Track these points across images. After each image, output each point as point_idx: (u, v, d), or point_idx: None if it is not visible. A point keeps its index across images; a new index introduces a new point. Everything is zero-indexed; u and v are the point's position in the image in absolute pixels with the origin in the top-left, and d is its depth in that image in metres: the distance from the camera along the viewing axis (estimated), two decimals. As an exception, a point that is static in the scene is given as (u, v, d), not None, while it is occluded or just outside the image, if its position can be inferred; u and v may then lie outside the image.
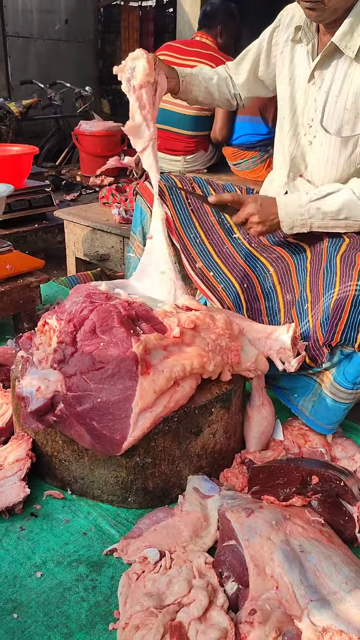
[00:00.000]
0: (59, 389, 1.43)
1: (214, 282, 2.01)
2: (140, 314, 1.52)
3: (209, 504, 1.46)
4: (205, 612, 1.15)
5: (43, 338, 1.56)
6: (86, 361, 1.42)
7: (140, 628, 1.13)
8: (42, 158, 6.17)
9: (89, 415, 1.40)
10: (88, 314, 1.47)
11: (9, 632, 1.17)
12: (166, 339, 1.47)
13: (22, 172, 3.27)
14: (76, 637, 1.17)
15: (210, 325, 1.55)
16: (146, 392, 1.37)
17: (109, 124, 5.29)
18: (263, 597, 1.17)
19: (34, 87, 6.71)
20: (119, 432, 1.39)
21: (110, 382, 1.40)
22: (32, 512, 1.49)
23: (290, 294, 1.87)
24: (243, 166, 3.94)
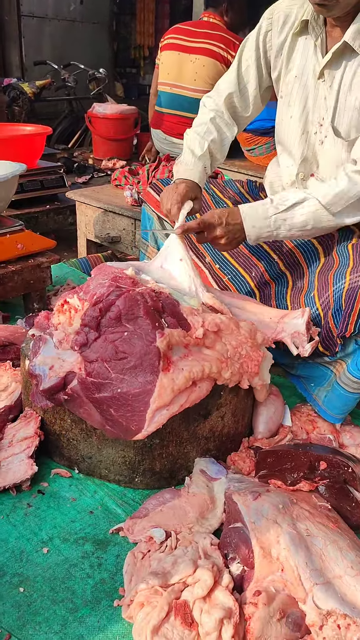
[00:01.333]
0: (74, 370, 1.43)
1: (220, 273, 2.00)
2: (166, 306, 1.49)
3: (216, 487, 1.46)
4: (210, 592, 1.15)
5: (62, 318, 1.54)
6: (109, 349, 1.41)
7: (145, 605, 1.14)
8: (55, 140, 6.15)
9: (107, 402, 1.39)
10: (115, 300, 1.44)
11: (15, 605, 1.18)
12: (188, 337, 1.45)
13: (35, 153, 3.26)
14: (81, 612, 1.18)
15: (234, 331, 1.52)
16: (165, 390, 1.37)
17: (123, 107, 5.25)
18: (268, 579, 1.17)
19: (47, 68, 6.67)
20: (136, 424, 1.39)
21: (131, 373, 1.39)
22: (40, 490, 1.50)
23: (301, 282, 1.86)
24: (257, 152, 3.91)
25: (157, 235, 2.22)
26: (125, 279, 1.53)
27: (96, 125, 5.03)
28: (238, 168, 3.80)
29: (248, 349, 1.52)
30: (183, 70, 3.70)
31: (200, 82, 3.67)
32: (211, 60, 3.62)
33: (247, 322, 1.58)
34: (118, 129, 5.04)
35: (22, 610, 1.17)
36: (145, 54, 9.88)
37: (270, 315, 1.68)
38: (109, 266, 1.63)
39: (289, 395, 1.90)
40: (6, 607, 1.18)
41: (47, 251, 2.43)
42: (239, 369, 1.50)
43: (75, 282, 2.75)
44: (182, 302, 1.54)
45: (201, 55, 3.64)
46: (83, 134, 6.25)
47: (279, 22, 1.78)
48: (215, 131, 1.93)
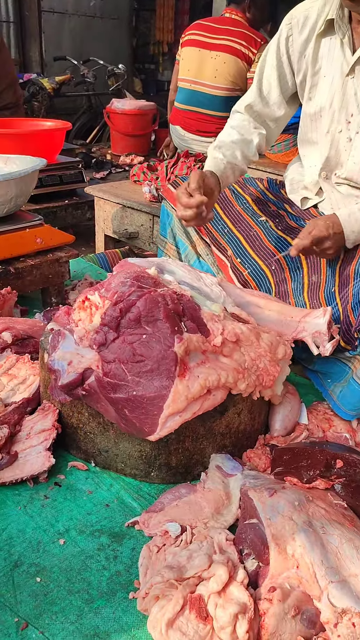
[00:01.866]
0: (92, 367, 1.44)
1: (241, 267, 2.00)
2: (187, 310, 1.49)
3: (231, 483, 1.46)
4: (225, 587, 1.16)
5: (82, 315, 1.55)
6: (127, 351, 1.41)
7: (160, 598, 1.15)
8: (73, 135, 6.18)
9: (121, 403, 1.40)
10: (135, 300, 1.44)
11: (32, 594, 1.20)
12: (207, 343, 1.45)
13: (54, 148, 3.28)
14: (97, 603, 1.19)
15: (253, 343, 1.51)
16: (179, 397, 1.37)
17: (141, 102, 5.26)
18: (283, 575, 1.18)
19: (67, 64, 6.69)
20: (149, 426, 1.40)
21: (147, 377, 1.40)
22: (56, 482, 1.51)
23: (317, 275, 1.85)
24: (275, 149, 3.90)
25: (176, 232, 2.23)
26: (147, 279, 1.54)
27: (114, 121, 5.04)
28: (257, 165, 3.79)
29: (266, 363, 1.51)
30: (203, 66, 3.70)
31: (221, 79, 3.67)
32: (232, 57, 3.61)
33: (270, 333, 1.56)
34: (136, 125, 5.05)
35: (39, 600, 1.19)
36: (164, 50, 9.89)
37: (291, 314, 1.68)
38: (131, 263, 1.64)
39: (305, 393, 1.90)
40: (23, 596, 1.19)
41: (65, 246, 2.45)
42: (255, 381, 1.49)
43: (93, 277, 2.76)
44: (204, 306, 1.54)
45: (222, 52, 3.63)
46: (101, 129, 6.28)
47: (298, 25, 1.79)
48: (238, 134, 1.95)
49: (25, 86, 6.10)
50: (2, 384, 1.79)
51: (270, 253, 1.97)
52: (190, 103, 3.82)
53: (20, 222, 2.35)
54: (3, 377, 1.81)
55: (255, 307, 1.73)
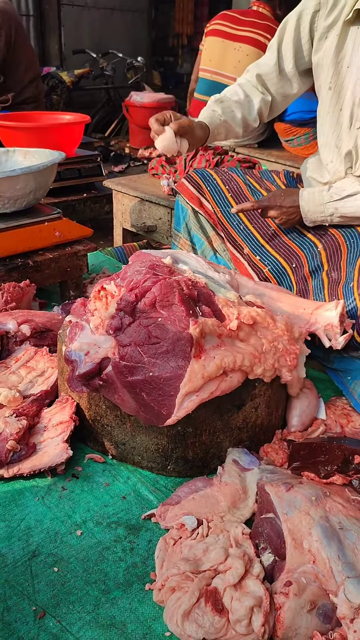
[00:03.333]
0: (109, 356, 1.45)
1: (261, 265, 1.99)
2: (202, 296, 1.51)
3: (248, 477, 1.47)
4: (241, 580, 1.16)
5: (98, 304, 1.56)
6: (142, 334, 1.43)
7: (176, 590, 1.16)
8: (92, 129, 6.20)
9: (139, 386, 1.41)
10: (150, 286, 1.46)
11: (49, 584, 1.22)
12: (222, 327, 1.46)
13: (73, 141, 3.29)
14: (114, 594, 1.21)
15: (269, 325, 1.52)
16: (195, 376, 1.38)
17: (160, 95, 5.26)
18: (299, 570, 1.18)
19: (86, 57, 6.71)
20: (166, 408, 1.41)
21: (163, 358, 1.41)
22: (74, 474, 1.53)
23: (337, 272, 1.84)
24: (295, 143, 3.87)
25: (191, 227, 2.22)
26: (162, 267, 1.55)
27: (133, 114, 5.05)
28: (276, 158, 3.77)
29: (285, 343, 1.52)
30: (226, 57, 3.68)
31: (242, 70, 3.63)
32: (255, 50, 3.58)
33: (283, 316, 1.57)
34: (155, 118, 5.06)
35: (57, 589, 1.20)
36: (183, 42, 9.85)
37: (303, 306, 1.68)
38: (146, 254, 1.65)
39: (323, 388, 1.89)
40: (41, 586, 1.21)
41: (84, 239, 2.47)
42: (274, 364, 1.49)
43: (111, 270, 2.77)
44: (219, 293, 1.55)
45: (245, 44, 3.61)
46: (120, 122, 6.29)
47: (327, 4, 1.76)
48: (243, 93, 2.01)
49: (45, 80, 6.13)
50: (20, 376, 1.81)
51: (290, 250, 1.96)
52: (211, 94, 3.80)
53: (39, 215, 2.37)
54: (22, 370, 1.83)
55: (267, 299, 1.73)
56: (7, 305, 2.09)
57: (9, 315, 1.98)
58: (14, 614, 1.15)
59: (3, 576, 1.23)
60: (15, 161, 2.59)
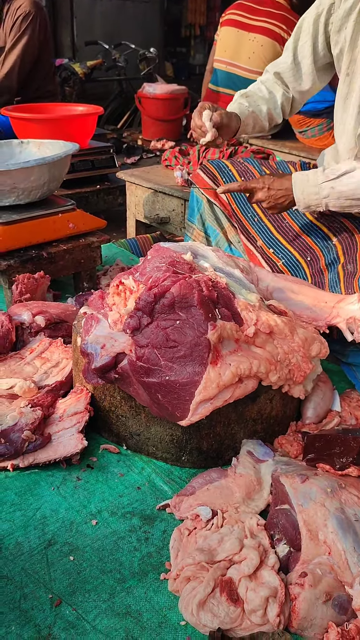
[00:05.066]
0: (125, 351, 1.45)
1: (274, 258, 1.98)
2: (221, 298, 1.49)
3: (263, 468, 1.47)
4: (256, 570, 1.17)
5: (117, 299, 1.56)
6: (160, 336, 1.42)
7: (192, 580, 1.17)
8: (104, 121, 6.18)
9: (154, 387, 1.42)
10: (170, 286, 1.44)
11: (65, 572, 1.23)
12: (240, 332, 1.45)
13: (86, 132, 3.29)
14: (129, 583, 1.21)
15: (287, 337, 1.50)
16: (210, 384, 1.37)
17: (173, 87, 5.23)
18: (315, 561, 1.18)
19: (98, 48, 6.69)
20: (180, 411, 1.41)
21: (180, 362, 1.41)
22: (88, 464, 1.54)
23: (352, 265, 1.83)
24: (309, 134, 3.84)
25: (205, 218, 2.21)
26: (182, 264, 1.54)
27: (146, 106, 5.02)
28: (290, 149, 3.74)
29: (299, 359, 1.50)
30: (241, 48, 3.64)
31: (257, 61, 3.61)
32: (270, 41, 3.54)
33: (306, 330, 1.55)
34: (167, 110, 5.03)
35: (72, 578, 1.22)
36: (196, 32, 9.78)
37: (325, 299, 1.67)
38: (166, 248, 1.63)
39: (338, 380, 1.89)
40: (57, 574, 1.22)
41: (97, 231, 2.47)
42: (286, 375, 1.48)
43: (124, 262, 2.78)
44: (239, 295, 1.53)
45: (260, 35, 3.56)
46: (132, 114, 6.27)
47: None
48: (266, 89, 1.99)
49: (57, 71, 6.12)
50: (35, 367, 1.82)
51: (305, 244, 1.95)
52: (225, 85, 3.78)
53: (53, 207, 2.37)
54: (37, 361, 1.84)
55: (288, 292, 1.72)
56: (21, 297, 2.10)
57: (24, 307, 1.99)
58: (30, 601, 1.16)
59: (19, 564, 1.24)
60: (29, 152, 2.60)
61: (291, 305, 1.66)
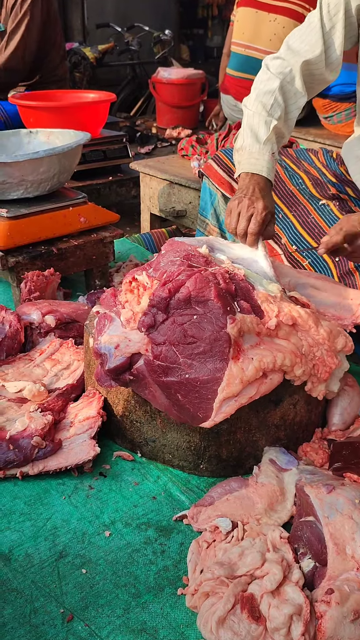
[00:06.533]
0: (141, 352, 1.46)
1: (299, 257, 1.96)
2: (239, 290, 1.49)
3: (286, 478, 1.47)
4: (279, 586, 1.16)
5: (130, 296, 1.57)
6: (177, 332, 1.43)
7: (211, 596, 1.17)
8: (116, 108, 6.21)
9: (174, 387, 1.42)
10: (185, 280, 1.44)
11: (77, 586, 1.24)
12: (261, 325, 1.45)
13: (98, 121, 3.30)
14: (144, 598, 1.22)
15: (311, 329, 1.50)
16: (233, 380, 1.38)
17: (189, 71, 5.24)
18: (342, 577, 1.17)
19: (110, 31, 6.72)
20: (203, 411, 1.41)
21: (200, 359, 1.41)
22: (101, 472, 1.55)
23: (385, 264, 1.82)
24: (335, 119, 3.82)
25: (220, 213, 2.21)
26: (197, 258, 1.54)
27: (160, 92, 5.04)
28: (314, 137, 3.73)
29: (324, 352, 1.50)
30: (260, 30, 3.63)
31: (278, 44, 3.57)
32: (292, 22, 3.52)
33: (331, 322, 1.55)
34: (183, 95, 5.04)
35: (85, 592, 1.23)
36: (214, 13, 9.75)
37: (350, 297, 1.66)
38: (181, 242, 1.64)
39: (366, 384, 1.87)
40: (69, 588, 1.23)
41: (110, 225, 2.48)
42: (310, 370, 1.48)
43: (138, 258, 2.79)
44: (259, 286, 1.53)
45: (281, 15, 3.55)
46: (146, 101, 6.29)
47: None
48: (283, 103, 1.76)
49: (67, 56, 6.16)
50: (45, 370, 1.83)
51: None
52: (244, 70, 3.77)
53: (63, 200, 2.39)
54: (46, 362, 1.86)
55: (311, 289, 1.72)
56: (30, 295, 2.12)
57: (33, 306, 2.01)
58: (41, 616, 1.18)
59: (30, 577, 1.25)
60: (38, 142, 2.62)
61: (314, 303, 1.66)
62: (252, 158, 1.71)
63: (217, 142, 3.13)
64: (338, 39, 1.77)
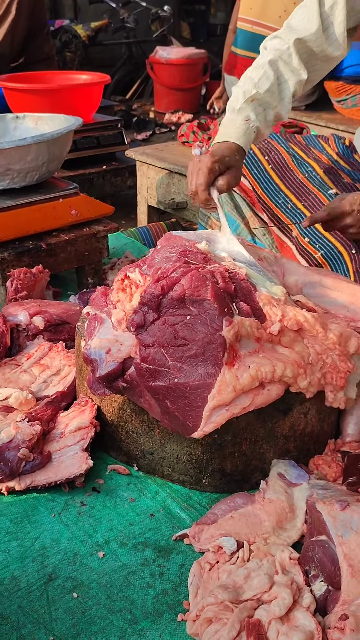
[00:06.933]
0: (131, 354, 1.46)
1: (311, 249, 1.97)
2: (240, 290, 1.49)
3: (296, 493, 1.47)
4: (289, 612, 1.17)
5: (121, 295, 1.57)
6: (167, 333, 1.43)
7: (214, 622, 1.17)
8: (111, 90, 6.22)
9: (162, 392, 1.42)
10: (180, 277, 1.45)
11: (68, 611, 1.24)
12: (262, 330, 1.45)
13: (91, 105, 3.31)
14: (141, 624, 1.22)
15: (319, 334, 1.49)
16: (225, 388, 1.37)
17: (190, 50, 5.25)
18: (357, 602, 1.17)
19: (104, 7, 6.74)
20: (193, 420, 1.41)
21: (191, 363, 1.41)
22: (94, 487, 1.55)
23: None
24: (349, 103, 3.83)
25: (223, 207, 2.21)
26: (195, 254, 1.54)
27: (159, 73, 5.05)
28: (326, 122, 3.74)
29: (335, 358, 1.49)
30: (269, 5, 3.63)
31: (288, 21, 3.59)
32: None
33: (341, 324, 1.55)
34: (184, 77, 5.05)
35: (76, 618, 1.23)
36: (217, -13, 9.77)
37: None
38: (178, 237, 1.64)
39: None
40: (59, 613, 1.23)
41: (104, 218, 2.49)
42: (320, 379, 1.48)
43: (135, 254, 2.79)
44: (262, 288, 1.53)
45: None
46: (143, 83, 6.30)
47: None
48: (274, 76, 1.82)
49: (57, 35, 6.17)
50: (33, 375, 1.84)
51: None
52: (250, 48, 3.77)
53: (52, 190, 2.39)
54: (35, 368, 1.86)
55: (321, 287, 1.72)
56: (17, 295, 2.12)
57: (20, 306, 2.01)
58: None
59: (16, 601, 1.25)
60: (25, 128, 2.63)
61: (325, 303, 1.66)
62: (223, 128, 1.82)
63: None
64: (340, 15, 1.80)
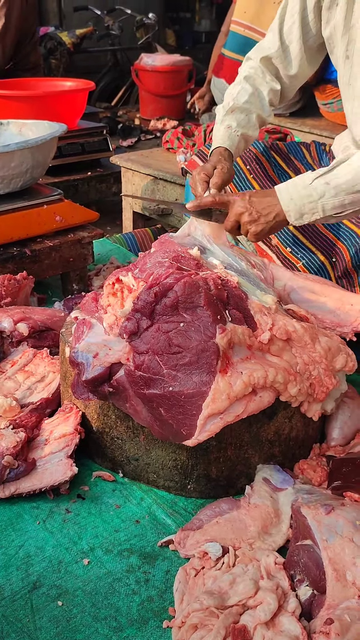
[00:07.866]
0: (122, 361, 1.46)
1: (293, 259, 1.98)
2: (232, 298, 1.50)
3: (281, 498, 1.47)
4: (274, 617, 1.17)
5: (112, 300, 1.57)
6: (162, 341, 1.43)
7: (199, 628, 1.17)
8: (96, 97, 6.22)
9: (156, 400, 1.42)
10: (173, 284, 1.45)
11: (53, 620, 1.23)
12: (253, 338, 1.45)
13: (75, 111, 3.32)
14: (126, 632, 1.22)
15: (307, 345, 1.50)
16: (220, 396, 1.38)
17: (175, 57, 5.27)
18: (342, 606, 1.17)
19: (89, 15, 6.75)
20: (187, 428, 1.41)
21: (185, 371, 1.41)
22: (79, 494, 1.54)
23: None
24: (335, 107, 3.83)
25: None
26: (188, 260, 1.55)
27: (144, 80, 5.06)
28: (310, 128, 3.75)
29: (321, 371, 1.50)
30: (264, 10, 3.63)
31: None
32: None
33: (331, 338, 1.55)
34: (169, 84, 5.06)
35: (61, 627, 1.22)
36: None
37: (351, 302, 1.67)
38: (172, 241, 1.65)
39: (368, 396, 1.88)
40: (43, 622, 1.22)
41: (88, 224, 2.49)
42: (307, 389, 1.49)
43: (120, 260, 2.79)
44: (253, 296, 1.54)
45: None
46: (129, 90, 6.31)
47: None
48: (251, 89, 1.93)
49: (42, 42, 6.17)
50: (17, 382, 1.83)
51: (328, 241, 1.95)
52: (240, 51, 3.76)
53: (37, 197, 2.39)
54: (19, 375, 1.85)
55: (309, 293, 1.73)
56: (1, 301, 2.11)
57: (4, 313, 2.00)
58: (12, 654, 1.17)
59: (0, 610, 1.24)
60: (9, 135, 2.62)
61: (312, 308, 1.67)
62: (212, 140, 1.95)
63: (205, 134, 3.14)
64: (296, 33, 1.86)
